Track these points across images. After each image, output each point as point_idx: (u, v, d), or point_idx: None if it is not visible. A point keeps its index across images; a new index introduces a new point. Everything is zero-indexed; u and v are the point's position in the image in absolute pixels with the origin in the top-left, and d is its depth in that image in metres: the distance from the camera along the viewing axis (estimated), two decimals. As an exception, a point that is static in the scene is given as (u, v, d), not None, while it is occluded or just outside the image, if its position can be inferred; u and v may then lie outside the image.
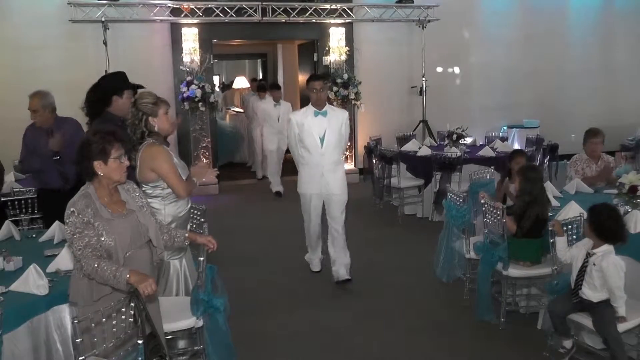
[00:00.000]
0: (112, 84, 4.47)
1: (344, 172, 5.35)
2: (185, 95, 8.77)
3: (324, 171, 5.13)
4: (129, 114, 4.17)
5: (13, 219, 4.81)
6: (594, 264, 3.41)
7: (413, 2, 9.80)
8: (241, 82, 14.04)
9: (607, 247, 3.43)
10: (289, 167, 10.69)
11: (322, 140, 5.10)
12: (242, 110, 12.90)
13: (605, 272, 3.36)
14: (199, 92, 8.76)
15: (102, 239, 2.80)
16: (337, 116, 5.19)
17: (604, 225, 3.43)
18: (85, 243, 2.76)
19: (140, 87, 4.61)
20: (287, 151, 8.51)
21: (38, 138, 4.99)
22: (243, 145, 11.74)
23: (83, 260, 2.75)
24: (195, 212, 4.08)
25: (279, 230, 7.16)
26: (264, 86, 10.73)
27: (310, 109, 5.17)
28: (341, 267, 5.24)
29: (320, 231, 5.46)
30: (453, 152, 7.27)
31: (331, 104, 9.73)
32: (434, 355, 4.06)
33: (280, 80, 14.66)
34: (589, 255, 3.47)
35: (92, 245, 2.77)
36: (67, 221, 2.79)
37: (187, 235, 3.35)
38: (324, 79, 5.32)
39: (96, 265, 2.72)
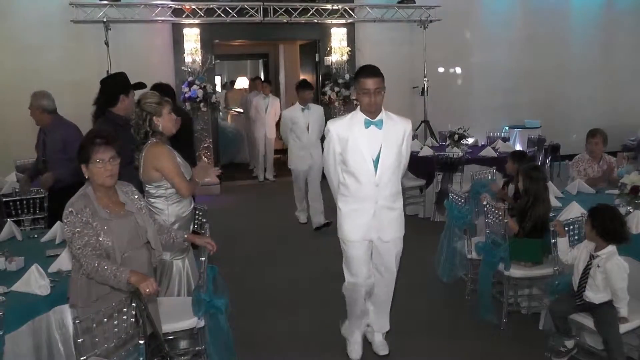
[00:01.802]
0: (119, 84, 4.52)
1: (402, 209, 3.84)
2: (186, 95, 8.78)
3: (377, 208, 3.64)
4: (132, 113, 4.22)
5: (15, 219, 4.82)
6: (598, 266, 3.41)
7: (415, 3, 9.80)
8: (243, 83, 14.07)
9: (611, 248, 3.43)
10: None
11: (376, 163, 3.58)
12: (242, 111, 12.90)
13: (610, 273, 3.36)
14: (200, 93, 8.76)
15: (100, 238, 2.81)
16: (396, 128, 3.65)
17: (609, 227, 3.42)
18: (85, 242, 2.76)
19: (142, 85, 4.64)
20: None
21: (38, 137, 5.16)
22: (244, 145, 11.72)
23: (83, 259, 2.75)
24: (197, 212, 4.09)
25: (280, 230, 7.16)
26: (259, 78, 10.64)
27: (357, 116, 3.62)
28: (379, 335, 4.07)
29: (369, 288, 3.88)
30: (455, 152, 7.27)
31: (331, 104, 9.92)
32: (434, 355, 4.06)
33: (282, 80, 14.65)
34: (592, 257, 3.47)
35: (91, 244, 2.77)
36: (66, 221, 2.80)
37: (186, 236, 3.35)
38: (381, 74, 3.56)
39: (96, 265, 2.72)
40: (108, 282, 2.75)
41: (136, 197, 3.10)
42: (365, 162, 3.58)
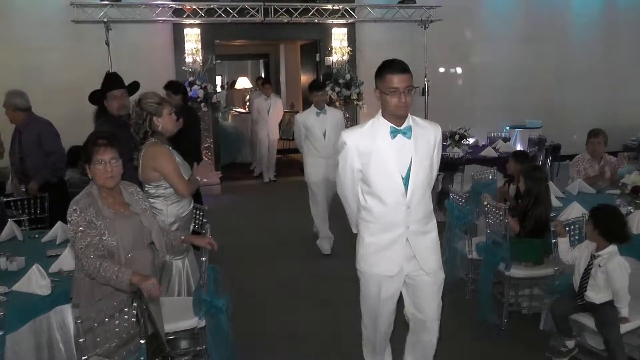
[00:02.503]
0: (99, 91, 4.61)
1: (437, 231, 3.19)
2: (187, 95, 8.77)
3: (408, 235, 3.01)
4: (122, 111, 4.30)
5: (16, 219, 4.82)
6: (599, 266, 3.41)
7: (415, 3, 9.80)
8: (243, 83, 14.08)
9: (612, 248, 3.43)
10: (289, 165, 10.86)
11: (406, 180, 2.95)
12: (244, 111, 12.92)
13: (611, 273, 3.36)
14: (201, 93, 8.76)
15: (105, 238, 2.81)
16: (426, 135, 3.03)
17: (610, 227, 3.43)
18: (87, 243, 2.76)
19: (136, 83, 4.69)
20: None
21: (12, 140, 5.30)
22: (245, 145, 11.72)
23: (84, 259, 2.75)
24: (197, 212, 4.09)
25: (281, 230, 7.16)
26: (261, 78, 10.55)
27: (380, 124, 2.97)
28: None
29: (391, 330, 3.34)
30: (455, 152, 7.26)
31: (332, 104, 9.85)
32: (435, 355, 4.05)
33: (283, 80, 14.66)
34: (593, 257, 3.47)
35: (94, 245, 2.77)
36: (69, 219, 2.80)
37: (183, 237, 3.34)
38: (410, 70, 3.01)
39: (98, 265, 2.72)
40: (109, 283, 2.75)
41: (140, 197, 3.10)
42: (393, 181, 2.93)
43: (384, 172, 2.94)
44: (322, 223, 6.09)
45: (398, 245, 3.00)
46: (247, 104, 13.02)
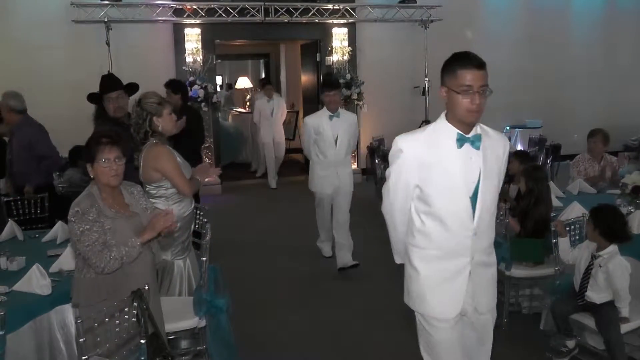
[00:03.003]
0: (98, 94, 4.63)
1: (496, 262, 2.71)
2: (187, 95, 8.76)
3: (473, 267, 2.52)
4: (119, 113, 4.30)
5: (16, 219, 4.83)
6: (600, 266, 3.41)
7: (416, 2, 9.80)
8: (244, 83, 14.08)
9: (613, 248, 3.43)
10: (293, 167, 10.85)
11: (473, 199, 2.44)
12: (244, 111, 12.92)
13: (612, 273, 3.36)
14: (201, 93, 8.76)
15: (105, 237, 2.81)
16: (495, 146, 2.49)
17: (611, 226, 3.43)
18: (95, 239, 2.77)
19: (134, 85, 4.69)
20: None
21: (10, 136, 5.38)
22: (245, 145, 11.70)
23: (94, 257, 2.75)
24: (198, 212, 4.09)
25: (281, 230, 7.17)
26: (264, 79, 10.46)
27: (443, 129, 2.47)
28: None
29: None
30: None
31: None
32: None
33: (283, 80, 14.66)
34: (594, 257, 3.47)
35: (100, 241, 2.78)
36: (73, 219, 2.79)
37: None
38: (485, 67, 2.43)
39: (107, 252, 2.76)
40: (123, 261, 2.79)
41: (142, 197, 3.10)
42: (460, 200, 2.42)
43: (448, 189, 2.42)
44: (324, 229, 5.89)
45: (462, 278, 2.49)
46: (248, 104, 13.01)
